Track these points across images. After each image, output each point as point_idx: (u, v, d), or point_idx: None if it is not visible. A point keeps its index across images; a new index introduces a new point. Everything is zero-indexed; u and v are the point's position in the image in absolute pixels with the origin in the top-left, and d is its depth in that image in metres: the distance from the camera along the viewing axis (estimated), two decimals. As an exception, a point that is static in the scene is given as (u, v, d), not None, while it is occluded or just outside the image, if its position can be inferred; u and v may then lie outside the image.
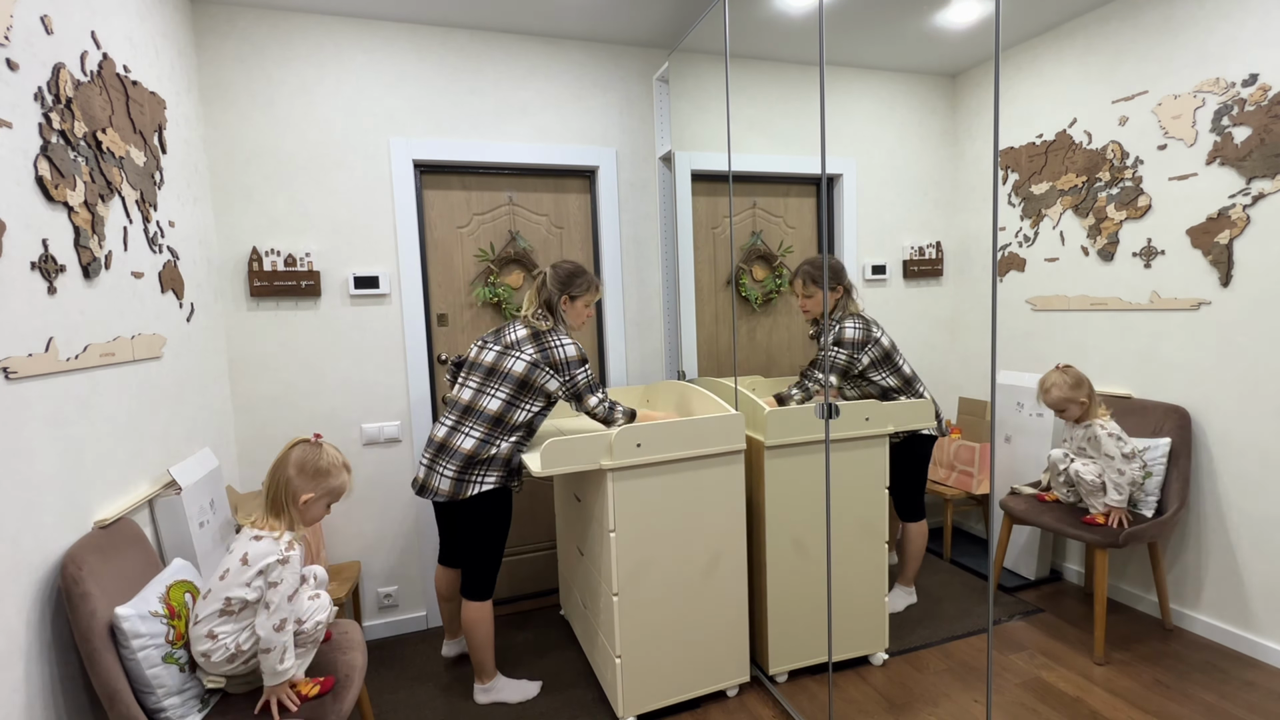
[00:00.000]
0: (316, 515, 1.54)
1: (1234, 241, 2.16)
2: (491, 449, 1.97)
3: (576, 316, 2.16)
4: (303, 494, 1.48)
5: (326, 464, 1.50)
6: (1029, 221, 2.80)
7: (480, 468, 1.97)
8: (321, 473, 1.50)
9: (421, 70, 2.55)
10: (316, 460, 1.50)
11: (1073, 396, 2.27)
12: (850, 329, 2.28)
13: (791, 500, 2.10)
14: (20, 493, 1.23)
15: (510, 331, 2.09)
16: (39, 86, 1.35)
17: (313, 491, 1.50)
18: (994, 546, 2.67)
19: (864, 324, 2.30)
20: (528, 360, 2.00)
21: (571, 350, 2.04)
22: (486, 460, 1.97)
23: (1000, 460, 2.86)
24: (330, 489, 1.52)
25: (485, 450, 1.97)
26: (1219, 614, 2.31)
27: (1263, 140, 2.05)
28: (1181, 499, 2.29)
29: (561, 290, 2.11)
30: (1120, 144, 2.45)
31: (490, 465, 1.98)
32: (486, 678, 2.14)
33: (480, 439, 1.97)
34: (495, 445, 1.98)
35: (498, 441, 1.98)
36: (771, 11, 2.59)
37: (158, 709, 1.34)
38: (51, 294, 1.35)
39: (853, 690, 2.13)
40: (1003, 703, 2.03)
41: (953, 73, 3.02)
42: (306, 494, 1.49)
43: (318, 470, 1.50)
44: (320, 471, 1.50)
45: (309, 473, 1.50)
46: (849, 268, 2.99)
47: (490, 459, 1.97)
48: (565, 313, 2.12)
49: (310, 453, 1.51)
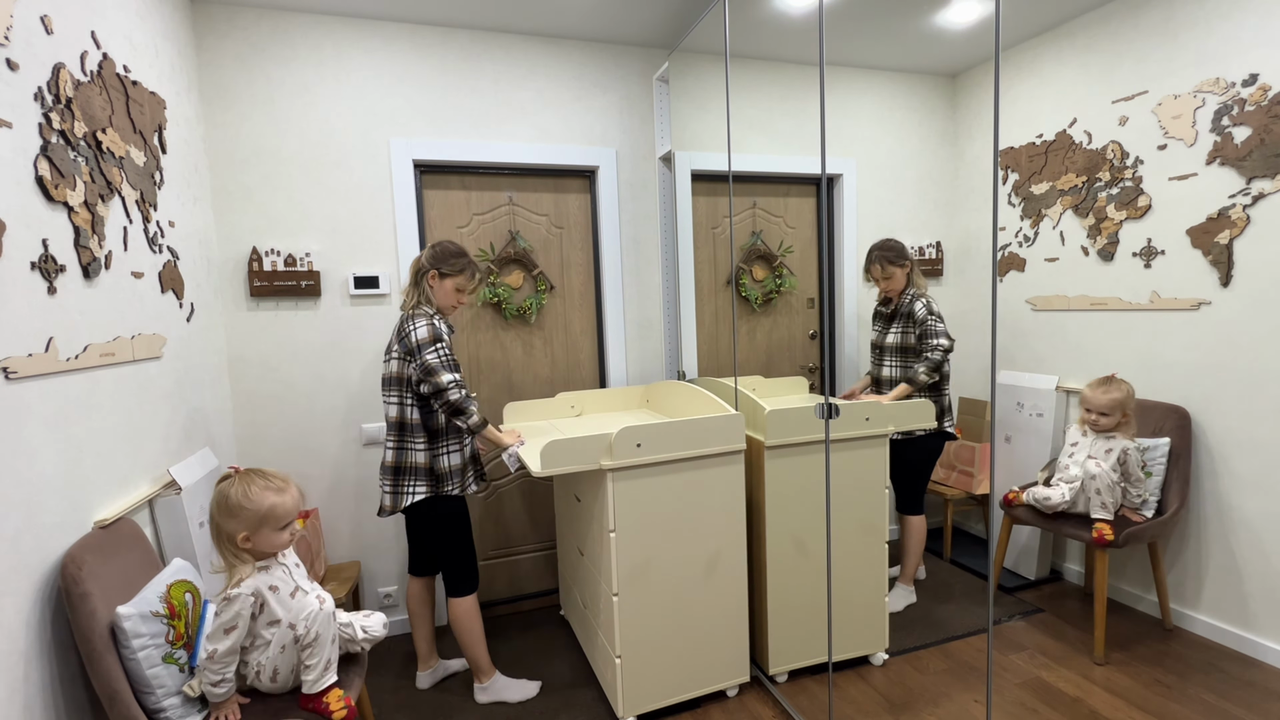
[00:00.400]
0: (276, 543, 1.43)
1: (1234, 241, 2.16)
2: (407, 456, 1.96)
3: (444, 297, 2.02)
4: (238, 534, 1.39)
5: (237, 499, 1.38)
6: (1029, 221, 2.80)
7: (406, 477, 1.96)
8: (235, 509, 1.39)
9: (421, 70, 2.55)
10: (226, 498, 1.40)
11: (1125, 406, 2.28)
12: (934, 303, 2.38)
13: (791, 500, 2.10)
14: (20, 493, 1.23)
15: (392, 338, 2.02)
16: (39, 86, 1.35)
17: (245, 529, 1.39)
18: (994, 546, 2.67)
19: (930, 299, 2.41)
20: (397, 356, 1.96)
21: (423, 331, 1.90)
22: (409, 469, 1.96)
23: (1000, 460, 2.86)
24: (260, 519, 1.40)
25: (402, 459, 1.96)
26: (1219, 614, 2.31)
27: (1263, 140, 2.05)
28: (1181, 499, 2.29)
29: (433, 263, 2.00)
30: (1120, 144, 2.45)
31: (415, 475, 1.96)
32: (485, 676, 2.14)
33: (394, 448, 1.97)
34: (408, 453, 1.96)
35: (409, 448, 1.96)
36: (771, 11, 2.59)
37: (158, 709, 1.33)
38: (51, 294, 1.35)
39: (853, 690, 2.13)
40: (1003, 703, 2.03)
41: (953, 73, 3.02)
42: (241, 533, 1.39)
43: (232, 508, 1.39)
44: (233, 509, 1.39)
45: (227, 512, 1.39)
46: (848, 268, 3.00)
47: (412, 468, 1.96)
48: (432, 289, 2.01)
49: (222, 491, 1.41)
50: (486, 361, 2.77)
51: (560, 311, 2.87)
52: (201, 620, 1.51)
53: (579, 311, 2.90)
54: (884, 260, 2.44)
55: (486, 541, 2.82)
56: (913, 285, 2.45)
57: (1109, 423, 2.29)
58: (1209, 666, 2.17)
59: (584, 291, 2.90)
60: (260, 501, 1.40)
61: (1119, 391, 2.28)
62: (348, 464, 2.54)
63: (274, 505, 1.41)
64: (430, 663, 2.25)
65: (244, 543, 1.40)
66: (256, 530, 1.41)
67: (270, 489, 1.42)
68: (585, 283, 2.90)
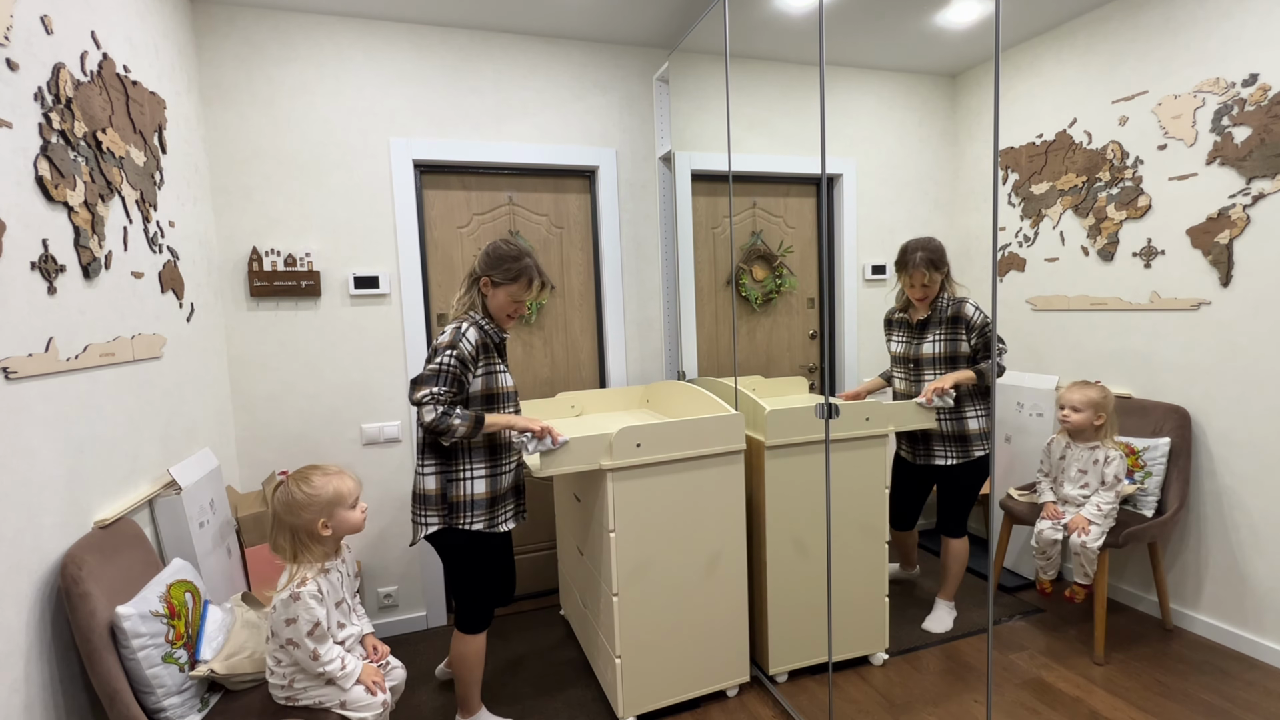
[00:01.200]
0: (353, 520, 1.52)
1: (1234, 241, 2.16)
2: (419, 482, 1.81)
3: (500, 306, 1.83)
4: (317, 522, 1.47)
5: (304, 493, 1.47)
6: (1029, 221, 2.80)
7: (419, 505, 1.81)
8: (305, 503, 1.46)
9: (421, 70, 2.55)
10: (292, 496, 1.47)
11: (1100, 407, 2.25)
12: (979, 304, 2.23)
13: (791, 500, 2.10)
14: (20, 493, 1.23)
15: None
16: (39, 86, 1.35)
17: (321, 516, 1.47)
18: (994, 546, 2.67)
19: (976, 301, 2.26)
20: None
21: (445, 336, 1.74)
22: (421, 497, 1.80)
23: (1000, 460, 2.86)
24: (331, 502, 1.48)
25: (416, 484, 1.82)
26: (1219, 614, 2.31)
27: (1263, 140, 2.05)
28: (1181, 499, 2.29)
29: (485, 269, 1.82)
30: (1120, 144, 2.44)
31: (426, 503, 1.79)
32: (468, 713, 1.95)
33: (416, 473, 1.84)
34: (420, 478, 1.80)
35: (421, 472, 1.80)
36: (771, 11, 2.59)
37: (158, 709, 1.34)
38: (51, 294, 1.35)
39: (853, 690, 2.13)
40: (1003, 703, 2.03)
41: (953, 73, 3.02)
42: (319, 520, 1.47)
43: (301, 503, 1.46)
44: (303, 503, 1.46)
45: (299, 507, 1.46)
46: (848, 268, 3.00)
47: (424, 495, 1.79)
48: (486, 298, 1.84)
49: (285, 492, 1.48)
50: (486, 361, 2.77)
51: (560, 311, 2.87)
52: (202, 620, 1.51)
53: (579, 311, 2.90)
54: (929, 264, 2.17)
55: (486, 541, 2.82)
56: (947, 290, 2.26)
57: (1080, 419, 2.25)
58: (1209, 666, 2.17)
59: (584, 291, 2.90)
60: (324, 487, 1.48)
61: (1093, 391, 2.26)
62: (348, 464, 2.54)
63: (337, 487, 1.50)
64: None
65: (323, 529, 1.48)
66: (331, 514, 1.49)
67: (329, 474, 1.52)
68: (585, 283, 2.90)
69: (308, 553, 1.47)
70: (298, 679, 1.42)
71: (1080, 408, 2.26)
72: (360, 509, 1.55)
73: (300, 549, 1.47)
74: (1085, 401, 2.25)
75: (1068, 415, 2.29)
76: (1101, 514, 2.19)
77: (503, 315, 1.86)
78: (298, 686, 1.42)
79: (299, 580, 1.43)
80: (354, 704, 1.44)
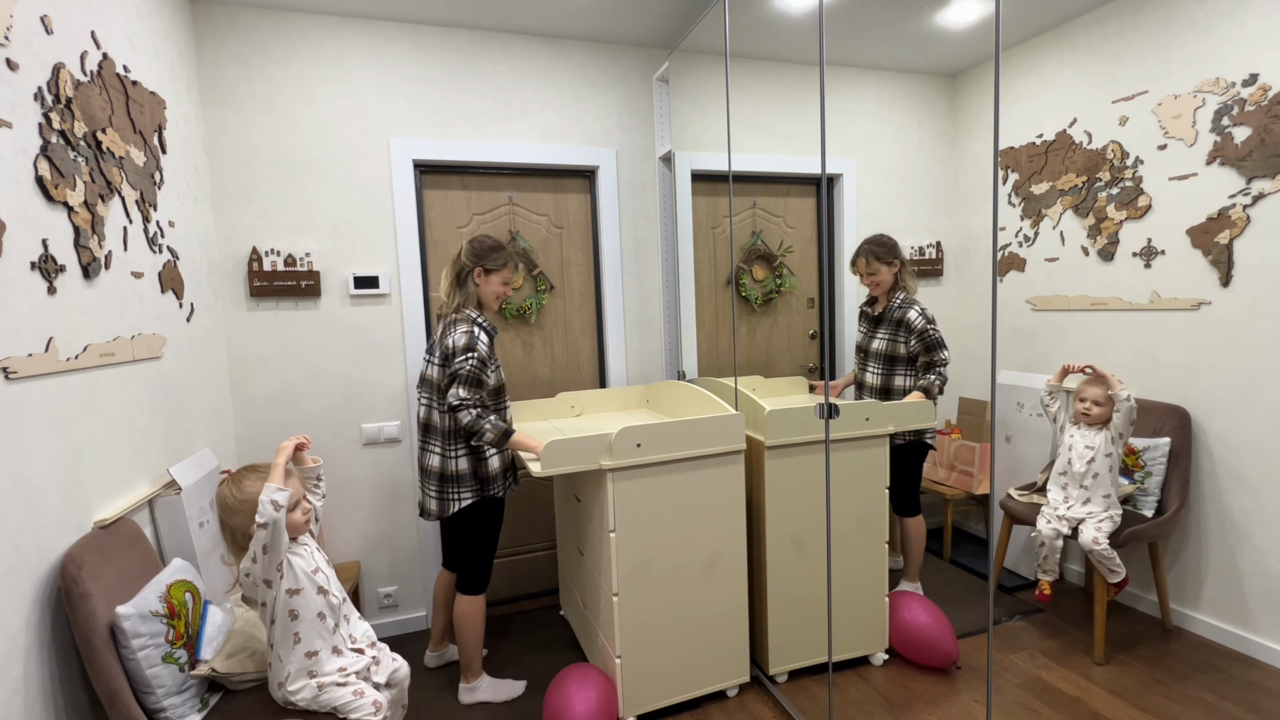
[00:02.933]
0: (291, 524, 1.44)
1: (1234, 241, 2.16)
2: (451, 463, 1.99)
3: (491, 293, 2.06)
4: (249, 527, 1.39)
5: (235, 496, 1.43)
6: (1029, 221, 2.80)
7: (452, 484, 1.99)
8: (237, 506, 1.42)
9: (421, 70, 2.55)
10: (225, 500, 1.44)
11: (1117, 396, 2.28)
12: (927, 309, 2.30)
13: (791, 500, 2.10)
14: (20, 493, 1.23)
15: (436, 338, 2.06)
16: (39, 86, 1.35)
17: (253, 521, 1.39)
18: (994, 546, 2.67)
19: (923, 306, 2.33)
20: (438, 362, 2.00)
21: (461, 338, 1.92)
22: (454, 476, 1.99)
23: (1000, 460, 2.86)
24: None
25: (448, 466, 1.99)
26: (1219, 614, 2.31)
27: (1263, 140, 2.05)
28: (1181, 499, 2.29)
29: (476, 260, 2.03)
30: (1120, 144, 2.44)
31: (460, 482, 1.99)
32: (472, 676, 2.14)
33: (440, 454, 2.00)
34: (453, 459, 1.98)
35: (452, 454, 1.99)
36: (771, 11, 2.59)
37: (158, 709, 1.34)
38: (51, 294, 1.35)
39: (853, 690, 2.13)
40: (1003, 703, 2.03)
41: (953, 73, 3.02)
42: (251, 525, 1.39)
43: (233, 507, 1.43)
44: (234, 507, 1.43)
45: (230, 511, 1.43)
46: (849, 267, 2.99)
47: (457, 475, 1.98)
48: (480, 287, 2.04)
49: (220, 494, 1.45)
50: (486, 361, 2.77)
51: (560, 311, 2.87)
52: (202, 620, 1.51)
53: (579, 311, 2.90)
54: (871, 255, 2.35)
55: (486, 541, 2.82)
56: (902, 288, 2.36)
57: (1103, 412, 2.29)
58: (1209, 666, 2.17)
59: (584, 291, 2.90)
60: (254, 491, 1.40)
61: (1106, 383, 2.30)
62: (348, 464, 2.54)
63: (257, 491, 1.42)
64: (441, 646, 2.34)
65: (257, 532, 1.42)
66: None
67: (261, 477, 1.44)
68: (585, 282, 2.90)
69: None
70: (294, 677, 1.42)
71: (1102, 401, 2.29)
72: (302, 510, 1.48)
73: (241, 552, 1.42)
74: (1102, 394, 2.29)
75: (1089, 409, 2.31)
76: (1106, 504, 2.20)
77: (494, 300, 2.09)
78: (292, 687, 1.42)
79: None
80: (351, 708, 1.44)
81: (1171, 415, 2.34)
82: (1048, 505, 2.35)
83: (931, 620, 2.17)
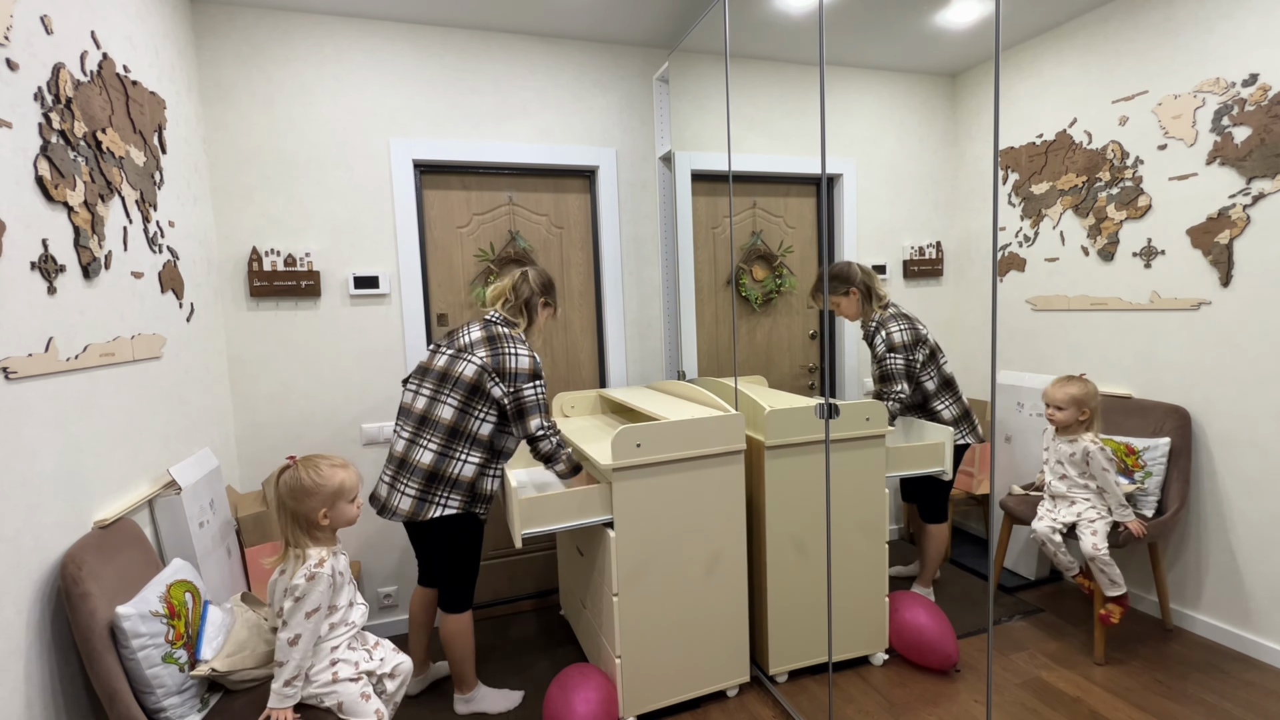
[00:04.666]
0: (350, 514, 1.54)
1: (1234, 241, 2.16)
2: (453, 465, 1.87)
3: (542, 325, 2.14)
4: (318, 511, 1.48)
5: (311, 479, 1.48)
6: (1029, 221, 2.79)
7: (443, 486, 1.86)
8: (311, 489, 1.47)
9: (421, 70, 2.55)
10: (300, 481, 1.48)
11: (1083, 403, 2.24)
12: (897, 332, 2.29)
13: (791, 500, 2.10)
14: (20, 493, 1.23)
15: (464, 334, 1.97)
16: (39, 86, 1.35)
17: (323, 505, 1.49)
18: (994, 546, 2.67)
19: (909, 323, 2.31)
20: (478, 364, 1.89)
21: (525, 361, 1.91)
22: (449, 480, 1.86)
23: (1000, 460, 2.86)
24: (335, 494, 1.50)
25: (446, 466, 1.86)
26: (1219, 614, 2.31)
27: (1263, 140, 2.05)
28: (1181, 499, 2.29)
29: (543, 292, 2.10)
30: (1120, 144, 2.44)
31: (454, 486, 1.87)
32: (468, 688, 2.08)
33: (438, 452, 1.86)
34: (457, 461, 1.87)
35: (459, 457, 1.87)
36: (771, 11, 2.59)
37: (158, 709, 1.34)
38: (51, 294, 1.35)
39: (853, 690, 2.13)
40: (1003, 703, 2.03)
41: (953, 73, 3.02)
42: (320, 509, 1.48)
43: (308, 489, 1.47)
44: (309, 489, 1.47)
45: (304, 493, 1.47)
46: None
47: (454, 479, 1.87)
48: (538, 317, 2.10)
49: (293, 476, 1.49)
50: (486, 361, 2.77)
51: (560, 311, 2.87)
52: (202, 620, 1.51)
53: (579, 311, 2.90)
54: (815, 290, 2.34)
55: (487, 541, 2.81)
56: (873, 309, 2.34)
57: (1064, 417, 2.25)
58: (1209, 666, 2.17)
59: (584, 291, 2.90)
60: (331, 477, 1.50)
61: (1075, 387, 2.25)
62: (348, 464, 2.54)
63: (343, 479, 1.52)
64: (424, 670, 2.24)
65: (323, 519, 1.49)
66: (333, 505, 1.50)
67: (336, 465, 1.53)
68: (585, 282, 2.90)
69: (306, 537, 1.48)
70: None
71: (1063, 405, 2.26)
72: (357, 504, 1.57)
73: (301, 535, 1.48)
74: (1067, 399, 2.26)
75: (1052, 414, 2.29)
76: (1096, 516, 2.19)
77: (540, 331, 2.15)
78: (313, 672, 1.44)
79: (316, 560, 1.44)
80: (356, 710, 1.44)
81: (1171, 415, 2.34)
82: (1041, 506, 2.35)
83: (932, 621, 2.17)
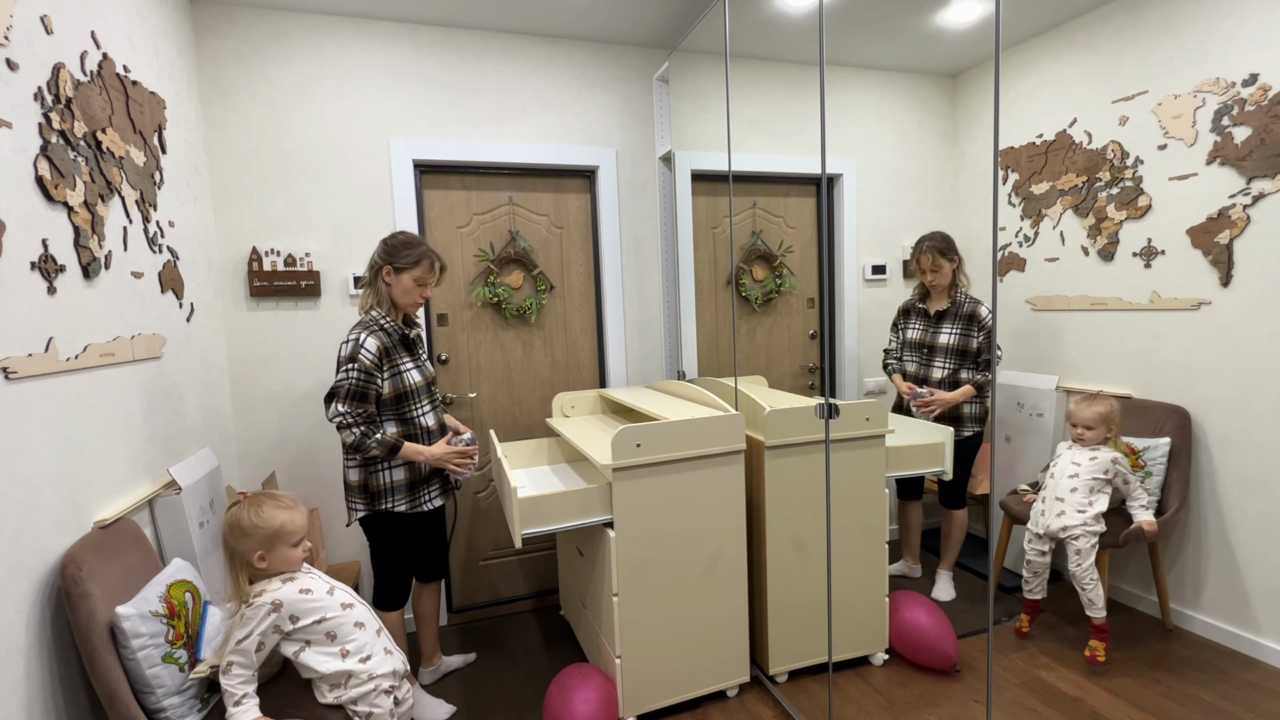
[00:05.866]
0: (291, 559, 1.45)
1: (1234, 241, 2.16)
2: (349, 473, 1.92)
3: (403, 293, 1.90)
4: (253, 554, 1.41)
5: (250, 520, 1.41)
6: (1029, 221, 2.79)
7: (349, 494, 1.93)
8: (248, 530, 1.40)
9: (421, 70, 2.55)
10: (239, 521, 1.42)
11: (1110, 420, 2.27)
12: (987, 314, 2.32)
13: (791, 500, 2.10)
14: (20, 493, 1.23)
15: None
16: (39, 86, 1.35)
17: (259, 548, 1.42)
18: (994, 546, 2.67)
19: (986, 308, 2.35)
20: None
21: (347, 348, 1.81)
22: (347, 485, 1.93)
23: (1000, 460, 2.86)
24: (273, 536, 1.42)
25: (347, 475, 1.93)
26: (1219, 614, 2.31)
27: (1263, 140, 2.05)
28: (1181, 499, 2.29)
29: (386, 258, 1.89)
30: (1120, 144, 2.44)
31: (350, 491, 1.93)
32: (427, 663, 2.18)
33: (344, 461, 1.94)
34: (348, 469, 1.92)
35: (349, 464, 1.91)
36: (771, 11, 2.59)
37: (158, 709, 1.33)
38: (51, 294, 1.35)
39: (853, 690, 2.13)
40: (1003, 702, 2.03)
41: (953, 73, 3.02)
42: (256, 552, 1.41)
43: (245, 529, 1.41)
44: (246, 530, 1.40)
45: (241, 533, 1.41)
46: (849, 268, 2.99)
47: (348, 484, 1.93)
48: (390, 286, 1.90)
49: (234, 515, 1.44)
50: (486, 362, 2.77)
51: (560, 311, 2.87)
52: (202, 620, 1.51)
53: (579, 311, 2.90)
54: (935, 251, 2.35)
55: (486, 542, 2.82)
56: (960, 284, 2.39)
57: (1095, 436, 2.27)
58: (1209, 666, 2.17)
59: (584, 291, 2.90)
60: (272, 519, 1.42)
61: (1104, 405, 2.27)
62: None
63: (285, 522, 1.44)
64: (433, 661, 2.26)
65: (259, 562, 1.42)
66: (271, 548, 1.43)
67: (280, 507, 1.45)
68: (585, 283, 2.90)
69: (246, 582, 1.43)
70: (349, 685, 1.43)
71: (1093, 424, 2.27)
72: (303, 547, 1.48)
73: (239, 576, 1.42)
74: (1096, 418, 2.27)
75: (1081, 433, 2.29)
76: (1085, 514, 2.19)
77: (409, 301, 1.93)
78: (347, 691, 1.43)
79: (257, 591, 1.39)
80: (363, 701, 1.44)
81: (1171, 415, 2.34)
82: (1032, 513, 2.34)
83: (931, 621, 2.17)
